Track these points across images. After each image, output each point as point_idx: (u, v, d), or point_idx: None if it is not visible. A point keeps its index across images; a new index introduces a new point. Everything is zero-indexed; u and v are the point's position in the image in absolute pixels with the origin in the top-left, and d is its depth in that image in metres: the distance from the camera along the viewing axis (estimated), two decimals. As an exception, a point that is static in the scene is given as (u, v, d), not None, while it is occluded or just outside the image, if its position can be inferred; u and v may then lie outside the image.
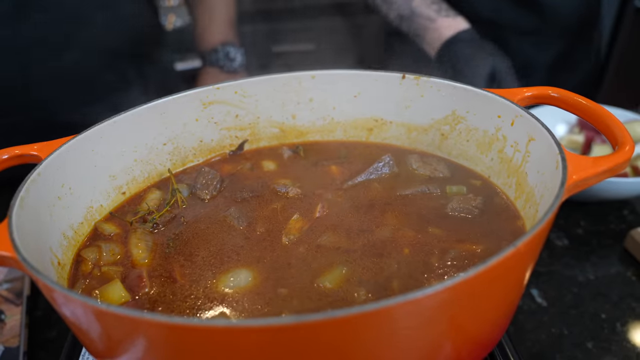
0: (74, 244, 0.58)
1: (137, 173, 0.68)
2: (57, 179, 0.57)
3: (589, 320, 0.72)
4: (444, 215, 0.59)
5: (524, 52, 1.24)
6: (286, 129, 0.76)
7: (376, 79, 0.71)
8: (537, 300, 0.76)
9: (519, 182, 0.59)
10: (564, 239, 0.87)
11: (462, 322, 0.42)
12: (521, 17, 1.21)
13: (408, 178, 0.67)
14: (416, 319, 0.38)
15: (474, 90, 0.63)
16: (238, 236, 0.58)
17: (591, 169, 0.47)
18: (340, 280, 0.50)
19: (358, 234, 0.57)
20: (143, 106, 0.66)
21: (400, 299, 0.35)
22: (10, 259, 0.42)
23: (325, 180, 0.68)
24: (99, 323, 0.40)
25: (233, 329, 0.35)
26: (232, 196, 0.65)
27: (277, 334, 0.36)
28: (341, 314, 0.34)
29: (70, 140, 0.59)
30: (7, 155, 0.56)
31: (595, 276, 0.80)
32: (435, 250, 0.54)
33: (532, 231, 0.40)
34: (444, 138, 0.69)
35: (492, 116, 0.62)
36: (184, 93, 0.69)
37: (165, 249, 0.57)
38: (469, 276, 0.37)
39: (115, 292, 0.51)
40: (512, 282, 0.45)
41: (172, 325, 0.36)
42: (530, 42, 1.24)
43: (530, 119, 0.56)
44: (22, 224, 0.47)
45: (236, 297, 0.50)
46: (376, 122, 0.74)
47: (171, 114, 0.69)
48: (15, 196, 0.49)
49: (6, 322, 0.72)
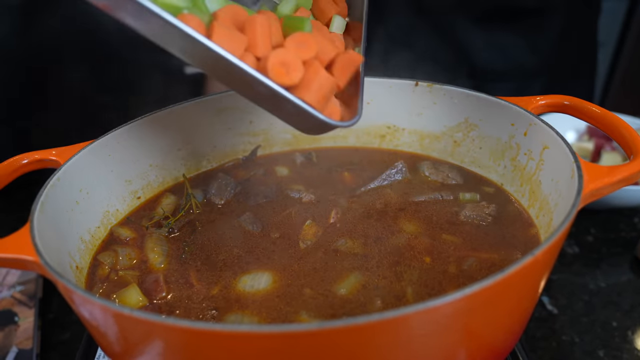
0: (90, 248, 0.58)
1: (152, 178, 0.68)
2: (75, 183, 0.57)
3: (600, 329, 0.72)
4: (457, 222, 0.59)
5: (524, 39, 1.21)
6: (299, 135, 0.76)
7: (389, 86, 0.71)
8: (548, 308, 0.76)
9: (533, 190, 0.59)
10: (575, 247, 0.87)
11: (478, 330, 0.42)
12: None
13: (421, 185, 0.67)
14: (433, 326, 0.38)
15: (487, 97, 0.64)
16: (253, 241, 0.59)
17: (607, 178, 0.47)
18: (357, 286, 0.51)
19: (373, 240, 0.57)
20: (159, 112, 0.67)
21: (420, 307, 0.36)
22: (33, 263, 0.43)
23: (338, 186, 0.68)
24: (118, 326, 0.41)
25: (251, 334, 0.35)
26: (246, 201, 0.66)
27: (296, 340, 0.36)
28: (361, 320, 0.35)
29: (88, 145, 0.59)
30: (27, 160, 0.56)
31: (606, 284, 0.80)
32: (450, 257, 0.54)
33: (550, 240, 0.40)
34: (456, 145, 0.70)
35: (506, 124, 0.62)
36: (199, 99, 0.70)
37: (181, 254, 0.58)
38: (488, 284, 0.37)
39: (132, 296, 0.51)
40: (528, 291, 0.45)
41: (192, 330, 0.36)
42: (531, 26, 1.21)
43: (544, 127, 0.56)
44: (42, 228, 0.47)
45: (253, 301, 0.50)
46: (389, 129, 0.75)
47: (186, 120, 0.70)
48: (36, 201, 0.50)
49: (20, 324, 0.73)
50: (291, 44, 0.46)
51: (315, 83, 0.46)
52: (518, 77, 1.18)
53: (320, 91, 0.46)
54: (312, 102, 0.46)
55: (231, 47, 0.44)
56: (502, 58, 1.16)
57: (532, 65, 1.21)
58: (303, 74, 0.45)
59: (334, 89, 0.48)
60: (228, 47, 0.43)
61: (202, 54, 0.43)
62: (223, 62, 0.43)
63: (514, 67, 1.17)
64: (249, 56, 0.45)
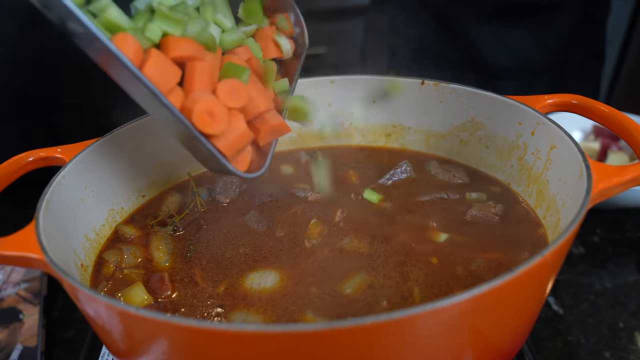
0: (95, 246, 0.58)
1: (157, 176, 0.68)
2: (80, 181, 0.57)
3: (607, 329, 0.72)
4: (464, 222, 0.59)
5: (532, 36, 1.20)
6: (304, 134, 0.76)
7: (395, 84, 0.71)
8: (554, 308, 0.75)
9: (540, 189, 0.59)
10: (580, 247, 0.87)
11: (485, 331, 0.42)
12: None
13: (427, 184, 0.67)
14: (441, 327, 0.38)
15: (494, 96, 0.63)
16: (259, 240, 0.58)
17: (616, 177, 0.47)
18: (363, 286, 0.50)
19: (378, 239, 0.57)
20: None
21: (428, 307, 0.35)
22: (39, 261, 0.43)
23: (343, 185, 0.68)
24: (123, 325, 0.41)
25: (257, 334, 0.35)
26: (251, 200, 0.66)
27: (303, 340, 0.36)
28: (368, 321, 0.35)
29: (93, 143, 0.59)
30: (32, 158, 0.56)
31: (613, 285, 0.79)
32: (457, 258, 0.54)
33: (558, 240, 0.40)
34: (463, 144, 0.69)
35: (513, 123, 0.62)
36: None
37: (186, 252, 0.58)
38: (496, 285, 0.37)
39: (138, 294, 0.51)
40: (536, 292, 0.45)
41: (197, 329, 0.36)
42: (541, 22, 1.21)
43: (552, 126, 0.56)
44: (48, 226, 0.47)
45: (259, 299, 0.50)
46: (394, 128, 0.74)
47: (191, 118, 0.69)
48: (41, 199, 0.49)
49: (24, 322, 0.73)
50: (223, 90, 0.47)
51: (232, 135, 0.47)
52: (525, 73, 1.18)
53: (236, 144, 0.48)
54: (225, 151, 0.47)
55: (161, 79, 0.44)
56: (510, 54, 1.15)
57: (539, 61, 1.20)
58: (225, 126, 0.46)
59: (249, 143, 0.49)
60: (157, 79, 0.43)
61: (130, 78, 0.43)
62: (148, 93, 0.43)
63: (522, 63, 1.16)
64: (176, 92, 0.45)
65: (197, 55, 0.46)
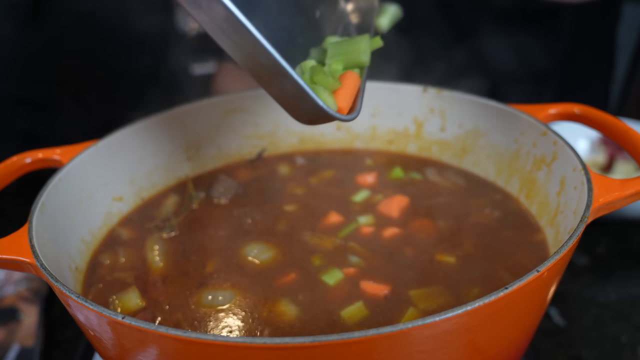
0: (91, 249, 0.58)
1: (155, 179, 0.68)
2: (78, 184, 0.57)
3: (609, 343, 0.70)
4: (463, 229, 0.58)
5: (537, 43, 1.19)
6: (305, 139, 0.76)
7: (397, 91, 0.70)
8: (555, 320, 0.74)
9: (541, 200, 0.58)
10: (584, 258, 0.85)
11: (479, 346, 0.41)
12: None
13: (427, 190, 0.66)
14: (433, 342, 0.37)
15: (497, 105, 0.63)
16: (255, 241, 0.58)
17: (618, 191, 0.46)
18: (360, 291, 0.50)
19: (375, 244, 0.57)
20: (164, 113, 0.67)
21: (419, 322, 0.35)
22: (30, 265, 0.43)
23: (342, 190, 0.68)
24: (112, 332, 0.40)
25: (244, 345, 0.35)
26: (249, 202, 0.66)
27: (290, 353, 0.35)
28: (358, 335, 0.34)
29: (92, 145, 0.59)
30: (30, 159, 0.56)
31: (617, 297, 0.78)
32: (456, 264, 0.53)
33: (555, 256, 0.39)
34: (464, 152, 0.69)
35: (515, 132, 0.61)
36: (205, 100, 0.70)
37: (181, 254, 0.57)
38: (490, 300, 0.36)
39: (131, 299, 0.51)
40: (533, 307, 0.44)
41: (185, 340, 0.36)
42: (548, 27, 1.19)
43: (554, 137, 0.55)
44: (42, 229, 0.47)
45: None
46: (396, 134, 0.74)
47: (192, 121, 0.69)
48: (36, 201, 0.49)
49: (23, 321, 0.73)
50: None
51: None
52: (532, 78, 1.17)
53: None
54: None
55: None
56: (517, 59, 1.14)
57: (546, 67, 1.19)
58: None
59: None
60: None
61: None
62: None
63: (529, 68, 1.15)
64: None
65: None
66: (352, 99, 0.49)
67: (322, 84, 0.46)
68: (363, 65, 0.51)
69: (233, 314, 0.49)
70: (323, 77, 0.46)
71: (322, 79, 0.46)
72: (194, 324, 0.48)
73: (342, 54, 0.50)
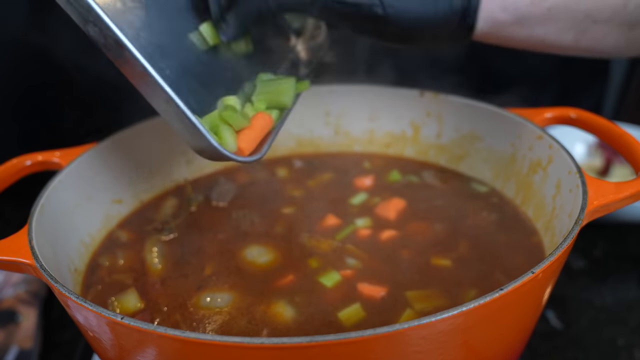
0: (90, 251, 0.59)
1: (154, 181, 0.69)
2: (77, 186, 0.58)
3: (606, 346, 0.71)
4: (461, 232, 0.59)
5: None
6: (303, 142, 0.76)
7: (395, 95, 0.71)
8: (552, 323, 0.74)
9: (537, 203, 0.58)
10: (581, 261, 0.86)
11: (475, 347, 0.42)
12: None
13: (424, 193, 0.66)
14: (429, 343, 0.38)
15: (493, 109, 0.63)
16: (253, 243, 0.58)
17: (613, 194, 0.46)
18: (358, 294, 0.50)
19: (373, 247, 0.57)
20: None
21: (415, 323, 0.35)
22: (29, 266, 0.43)
23: (339, 193, 0.68)
24: (111, 333, 0.41)
25: (242, 346, 0.35)
26: (247, 205, 0.66)
27: (288, 353, 0.36)
28: (354, 336, 0.34)
29: (92, 148, 0.60)
30: (30, 162, 0.57)
31: (613, 300, 0.78)
32: (452, 267, 0.53)
33: (550, 257, 0.40)
34: (461, 156, 0.69)
35: (511, 136, 0.62)
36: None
37: (179, 257, 0.58)
38: (485, 302, 0.36)
39: (130, 300, 0.51)
40: (528, 308, 0.44)
41: (183, 340, 0.36)
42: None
43: (550, 140, 0.56)
44: (41, 231, 0.48)
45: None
46: (393, 138, 0.74)
47: (190, 124, 0.70)
48: (36, 203, 0.50)
49: (22, 323, 0.73)
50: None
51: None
52: (530, 83, 1.17)
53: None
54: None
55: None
56: (515, 61, 1.14)
57: (544, 71, 1.20)
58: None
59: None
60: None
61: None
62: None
63: (526, 73, 1.15)
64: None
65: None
66: (258, 140, 0.48)
67: (230, 121, 0.45)
68: (285, 107, 0.51)
69: (231, 316, 0.49)
70: (232, 115, 0.45)
71: (230, 117, 0.45)
72: (193, 326, 0.48)
73: (267, 92, 0.50)
